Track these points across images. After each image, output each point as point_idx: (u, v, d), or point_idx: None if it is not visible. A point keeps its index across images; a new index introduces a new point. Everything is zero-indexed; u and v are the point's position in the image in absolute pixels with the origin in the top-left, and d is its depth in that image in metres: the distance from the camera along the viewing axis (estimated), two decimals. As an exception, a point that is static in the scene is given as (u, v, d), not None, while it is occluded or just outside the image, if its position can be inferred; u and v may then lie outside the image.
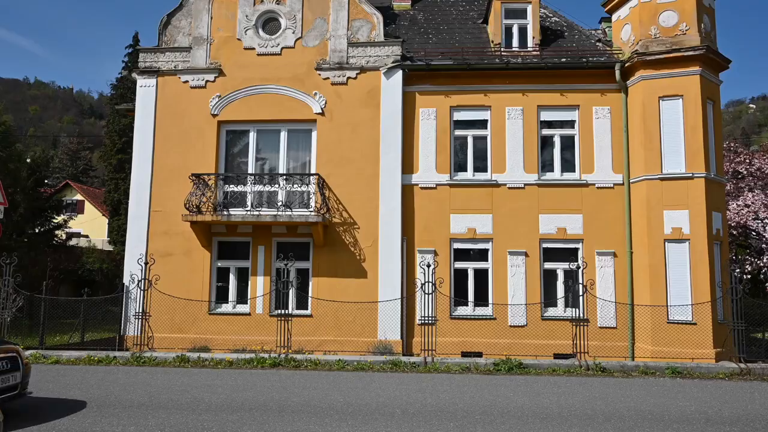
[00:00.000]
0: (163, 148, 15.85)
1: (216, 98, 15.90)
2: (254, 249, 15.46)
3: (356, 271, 15.05)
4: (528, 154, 15.30)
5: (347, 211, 15.27)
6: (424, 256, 15.00)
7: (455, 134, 15.66)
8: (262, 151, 16.04)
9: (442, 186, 15.37)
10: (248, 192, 15.41)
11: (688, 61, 14.26)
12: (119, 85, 36.57)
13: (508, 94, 15.52)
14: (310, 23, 16.07)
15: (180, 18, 16.44)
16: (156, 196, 15.67)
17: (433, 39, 17.08)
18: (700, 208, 13.80)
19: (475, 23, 17.68)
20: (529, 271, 14.88)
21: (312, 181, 15.19)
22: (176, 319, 14.84)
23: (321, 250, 15.19)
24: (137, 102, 16.23)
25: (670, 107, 14.32)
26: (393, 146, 15.38)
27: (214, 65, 16.06)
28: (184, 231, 15.27)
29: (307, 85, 15.76)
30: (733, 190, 22.05)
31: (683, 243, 13.84)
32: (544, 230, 15.01)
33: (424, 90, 15.73)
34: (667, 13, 14.73)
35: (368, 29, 15.96)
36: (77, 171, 62.16)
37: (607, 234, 14.86)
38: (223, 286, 15.55)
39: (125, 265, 15.52)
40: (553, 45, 16.40)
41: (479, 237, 15.14)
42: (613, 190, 15.04)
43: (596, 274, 14.68)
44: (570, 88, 15.42)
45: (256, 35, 16.12)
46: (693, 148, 14.00)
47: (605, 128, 15.24)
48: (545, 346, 14.09)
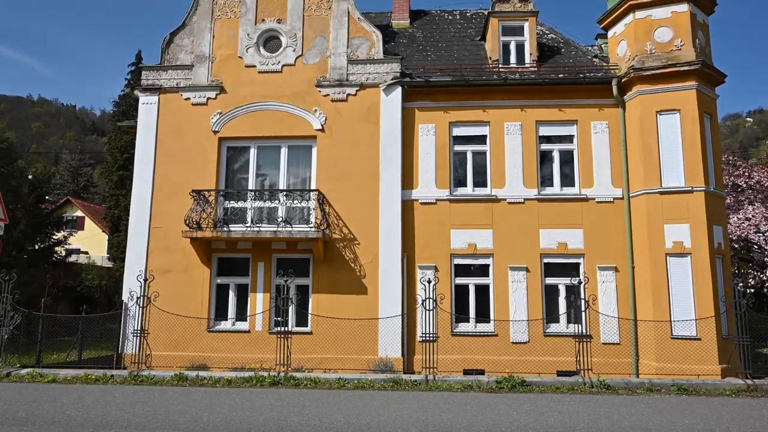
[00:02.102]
0: (164, 164, 15.89)
1: (217, 115, 15.97)
2: (254, 265, 15.41)
3: (356, 288, 14.99)
4: (527, 169, 15.31)
5: (347, 227, 15.25)
6: (425, 271, 14.94)
7: (455, 149, 15.69)
8: (262, 167, 16.07)
9: (442, 201, 15.36)
10: (248, 208, 15.40)
11: (684, 75, 14.34)
12: (121, 102, 36.79)
13: (506, 110, 15.57)
14: (310, 41, 16.19)
15: (182, 36, 16.57)
16: (156, 212, 15.67)
17: (432, 56, 17.20)
18: (701, 221, 13.76)
19: (473, 40, 17.81)
20: (531, 286, 14.81)
21: (312, 197, 15.19)
22: (175, 336, 14.74)
23: (321, 266, 15.14)
24: (139, 119, 16.30)
25: (667, 121, 14.37)
26: (393, 162, 15.41)
27: (215, 83, 16.15)
28: (184, 247, 15.24)
29: (307, 102, 15.83)
30: (733, 204, 22.03)
31: (685, 257, 13.78)
32: (545, 245, 14.97)
33: (423, 106, 15.79)
34: (662, 30, 14.85)
35: (368, 47, 16.07)
36: (78, 187, 62.27)
37: (608, 248, 14.82)
38: (223, 303, 15.48)
39: (124, 282, 15.47)
40: (550, 61, 16.50)
41: (480, 252, 15.09)
42: (613, 204, 15.02)
43: (598, 289, 14.61)
44: (568, 104, 15.48)
45: (257, 53, 16.24)
46: (692, 161, 14.01)
47: (604, 143, 15.27)
48: (548, 363, 13.97)
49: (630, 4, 15.08)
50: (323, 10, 16.34)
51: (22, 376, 12.79)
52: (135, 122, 16.65)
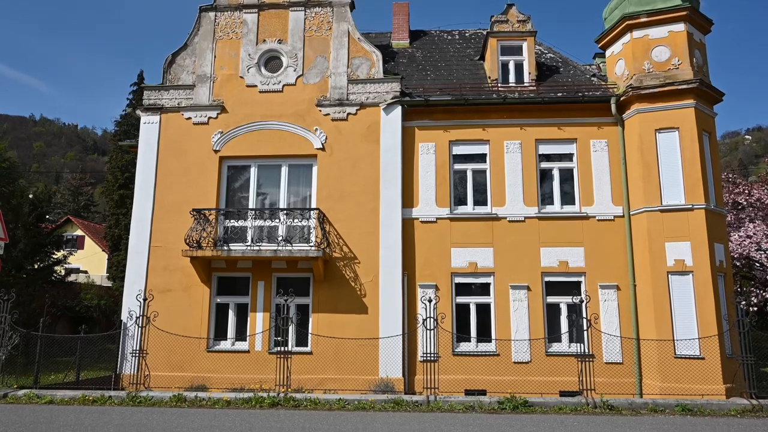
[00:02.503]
0: (165, 183, 15.91)
1: (218, 134, 16.03)
2: (254, 284, 15.35)
3: (357, 307, 14.90)
4: (527, 188, 15.32)
5: (347, 246, 15.21)
6: (426, 290, 14.87)
7: (455, 168, 15.72)
8: (263, 186, 16.09)
9: (442, 220, 15.34)
10: (249, 227, 15.39)
11: (682, 94, 14.42)
12: (123, 121, 36.96)
13: (506, 129, 15.64)
14: (311, 61, 16.32)
15: (184, 57, 16.71)
16: (156, 231, 15.65)
17: (432, 75, 17.32)
18: (702, 239, 13.73)
19: (472, 60, 17.95)
20: (532, 305, 14.73)
21: (312, 216, 15.18)
22: (174, 356, 14.62)
23: (321, 285, 15.08)
24: (140, 138, 16.37)
25: (666, 139, 14.41)
26: (393, 181, 15.43)
27: (216, 102, 16.25)
28: (184, 266, 15.19)
29: (307, 121, 15.91)
30: (734, 221, 22.00)
31: (687, 275, 13.72)
32: (546, 263, 14.92)
33: (423, 125, 15.86)
34: (660, 49, 14.97)
35: (368, 66, 16.19)
36: (79, 206, 62.30)
37: (610, 267, 14.76)
38: (222, 323, 15.38)
39: (123, 301, 15.38)
40: (549, 80, 16.61)
41: (480, 271, 15.03)
42: (614, 222, 15.00)
43: (600, 307, 14.52)
44: (567, 122, 15.55)
45: (258, 73, 16.36)
46: (691, 179, 14.03)
47: (603, 161, 15.30)
48: (550, 383, 13.83)
49: (627, 23, 15.23)
50: (324, 31, 16.50)
51: (19, 397, 12.66)
52: (136, 142, 16.72)
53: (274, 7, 16.76)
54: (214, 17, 16.85)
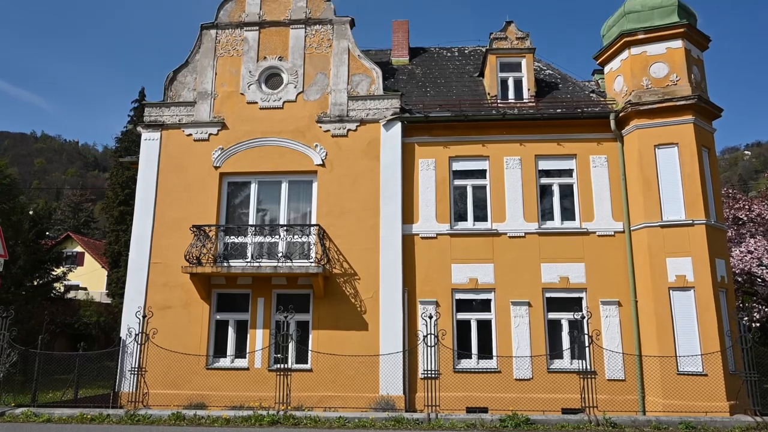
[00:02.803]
0: (165, 199, 15.92)
1: (218, 151, 16.08)
2: (254, 301, 15.28)
3: (357, 324, 14.82)
4: (527, 203, 15.32)
5: (348, 262, 15.17)
6: (426, 307, 14.80)
7: (455, 184, 15.74)
8: (263, 203, 16.09)
9: (442, 236, 15.32)
10: (249, 243, 15.36)
11: (681, 110, 14.48)
12: (124, 138, 37.12)
13: (505, 144, 15.68)
14: (311, 78, 16.42)
15: (185, 74, 16.82)
16: (156, 247, 15.62)
17: (431, 92, 17.42)
18: (703, 255, 13.69)
19: (471, 77, 18.06)
20: (533, 321, 14.65)
21: (312, 232, 15.17)
22: (173, 374, 14.51)
23: (321, 301, 15.01)
24: (141, 154, 16.40)
25: (666, 155, 14.45)
26: (393, 197, 15.43)
27: (217, 119, 16.32)
28: (184, 283, 15.14)
29: (308, 138, 15.96)
30: (735, 237, 21.97)
31: (688, 291, 13.67)
32: (547, 279, 14.86)
33: (423, 141, 15.91)
34: (658, 65, 15.07)
35: (368, 83, 16.29)
36: (79, 223, 62.28)
37: (611, 282, 14.70)
38: (222, 340, 15.28)
39: (123, 318, 15.30)
40: (548, 96, 16.70)
41: (481, 287, 14.97)
42: (614, 237, 14.97)
43: (601, 323, 14.43)
44: (566, 138, 15.59)
45: (258, 90, 16.45)
46: (691, 195, 14.03)
47: (603, 176, 15.31)
48: (552, 401, 13.70)
49: (625, 40, 15.34)
50: (324, 48, 16.63)
51: (16, 415, 12.54)
52: (137, 158, 16.74)
53: (275, 24, 16.91)
54: (216, 35, 16.99)
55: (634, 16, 15.47)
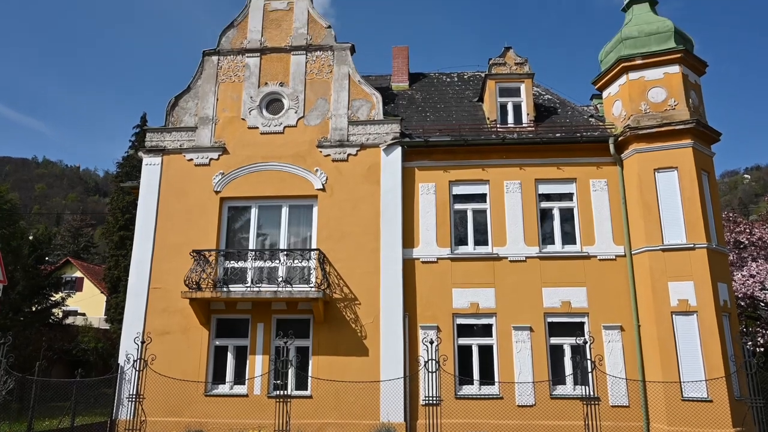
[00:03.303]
0: (166, 224, 15.91)
1: (219, 175, 16.12)
2: (253, 326, 15.16)
3: (357, 349, 14.68)
4: (528, 227, 15.30)
5: (348, 287, 15.09)
6: (427, 332, 14.67)
7: (455, 208, 15.74)
8: (263, 227, 16.08)
9: (443, 260, 15.27)
10: (248, 268, 15.31)
11: (680, 134, 14.56)
12: (125, 163, 37.25)
13: (505, 169, 15.73)
14: (312, 103, 16.55)
15: (187, 100, 16.96)
16: (156, 272, 15.56)
17: (431, 117, 17.54)
18: (705, 279, 13.62)
19: (470, 101, 18.21)
20: (535, 346, 14.50)
21: (313, 257, 15.12)
22: (171, 401, 14.31)
23: (321, 327, 14.89)
24: (142, 179, 16.45)
25: (665, 179, 14.48)
26: (393, 221, 15.42)
27: (218, 144, 16.40)
28: (183, 308, 15.04)
29: (308, 162, 16.02)
30: (737, 261, 21.90)
31: (691, 315, 13.56)
32: (548, 304, 14.76)
33: (423, 165, 15.96)
34: (656, 90, 15.20)
35: (368, 108, 16.42)
36: (78, 248, 62.17)
37: (613, 307, 14.60)
38: (221, 366, 15.11)
39: (121, 344, 15.16)
40: (547, 121, 16.81)
41: (482, 312, 14.86)
42: (616, 261, 14.92)
43: (604, 349, 14.29)
44: (566, 162, 15.65)
45: (259, 115, 16.57)
46: (692, 218, 14.02)
47: (603, 200, 15.32)
48: (556, 428, 13.50)
49: (623, 66, 15.50)
50: (324, 74, 16.80)
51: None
52: (137, 183, 16.79)
53: (276, 51, 17.11)
54: (217, 61, 17.19)
55: (631, 42, 15.66)
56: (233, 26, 17.46)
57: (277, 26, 17.33)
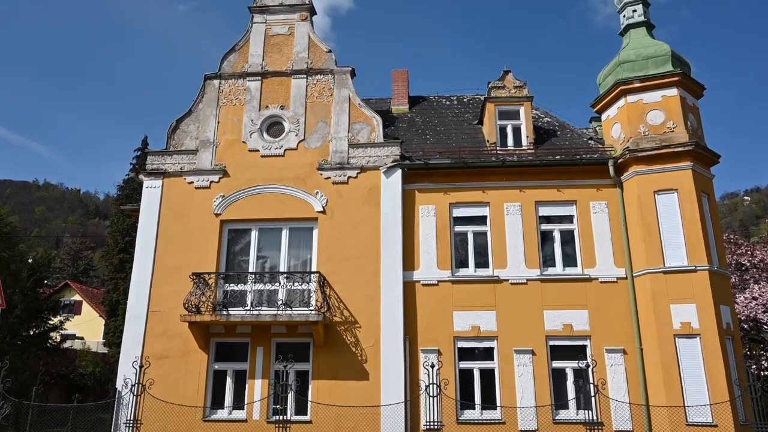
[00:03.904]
0: (165, 247, 15.87)
1: (220, 198, 16.14)
2: (253, 350, 15.01)
3: (358, 373, 14.52)
4: (529, 250, 15.26)
5: (348, 310, 15.00)
6: (428, 355, 14.53)
7: (455, 230, 15.72)
8: (263, 250, 16.04)
9: (443, 282, 15.20)
10: (248, 291, 15.22)
11: (679, 156, 14.61)
12: (125, 186, 37.35)
13: (505, 191, 15.74)
14: (312, 126, 16.65)
15: (188, 123, 17.07)
16: (155, 295, 15.47)
17: (431, 139, 17.63)
18: (707, 301, 13.55)
19: (470, 124, 18.32)
20: (537, 370, 14.34)
21: (313, 279, 15.05)
22: (169, 427, 14.10)
23: (321, 350, 14.75)
24: (142, 202, 16.45)
25: (666, 201, 14.49)
26: (393, 243, 15.39)
27: (219, 167, 16.45)
28: (182, 332, 14.91)
29: (308, 185, 16.05)
30: (739, 283, 21.81)
31: (694, 338, 13.45)
32: (550, 327, 14.65)
33: (423, 188, 15.98)
34: (654, 113, 15.30)
35: (368, 131, 16.51)
36: (78, 271, 62.01)
37: (615, 330, 14.48)
38: (220, 390, 14.92)
39: (119, 368, 15.00)
40: (546, 143, 16.89)
41: (483, 335, 14.74)
42: (617, 284, 14.84)
43: (607, 372, 14.13)
44: (566, 184, 15.67)
45: (260, 138, 16.66)
46: (693, 240, 14.00)
47: (604, 222, 15.31)
48: (558, 452, 13.27)
49: (621, 89, 15.63)
50: (325, 97, 16.93)
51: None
52: (138, 206, 16.78)
53: (277, 75, 17.27)
54: (219, 85, 17.33)
55: (629, 66, 15.81)
56: (235, 50, 17.65)
57: (278, 50, 17.52)
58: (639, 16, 16.81)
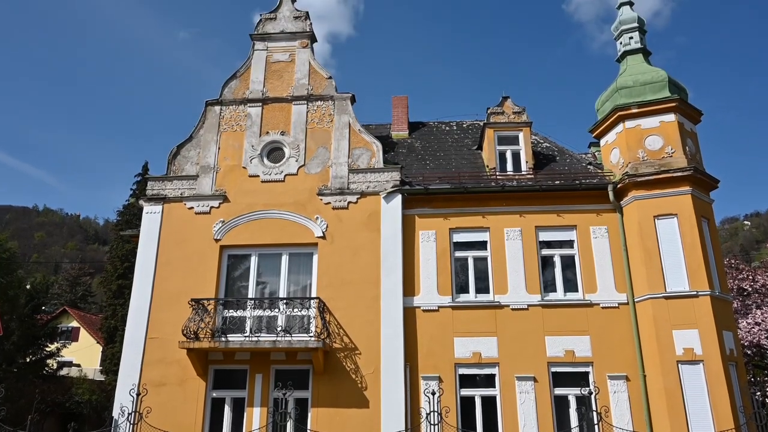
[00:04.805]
0: (165, 272, 15.80)
1: (219, 223, 16.12)
2: (251, 377, 14.83)
3: (358, 401, 14.32)
4: (529, 275, 15.19)
5: (348, 336, 14.86)
6: (429, 383, 14.35)
7: (455, 256, 15.67)
8: (263, 275, 15.97)
9: (444, 308, 15.09)
10: (247, 317, 15.10)
11: (678, 181, 14.65)
12: (125, 211, 37.31)
13: (505, 216, 15.73)
14: (312, 152, 16.72)
15: (189, 149, 17.14)
16: (154, 321, 15.34)
17: (431, 165, 17.70)
18: (710, 327, 13.44)
19: (470, 149, 18.41)
20: (539, 397, 14.15)
21: (312, 305, 14.94)
22: (165, 456, 13.85)
23: (321, 377, 14.58)
24: (142, 227, 16.43)
25: (666, 226, 14.48)
26: (394, 269, 15.33)
27: (219, 192, 16.48)
28: (180, 359, 14.75)
29: (308, 210, 16.05)
30: (741, 308, 21.67)
31: (697, 364, 13.31)
32: (552, 353, 14.50)
33: (423, 213, 15.99)
34: (653, 138, 15.38)
35: (368, 156, 16.58)
36: (76, 297, 61.64)
37: (617, 356, 14.33)
38: (218, 419, 14.69)
39: (116, 396, 14.80)
40: (546, 168, 16.95)
41: (485, 361, 14.58)
42: (619, 309, 14.74)
43: (610, 399, 13.94)
44: (566, 209, 15.67)
45: (260, 163, 16.72)
46: (694, 265, 13.95)
47: (604, 247, 15.27)
48: (562, 482, 13.02)
49: (619, 114, 15.74)
50: (325, 123, 17.04)
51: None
52: (137, 231, 16.76)
53: (277, 101, 17.41)
54: (220, 111, 17.46)
55: (626, 92, 15.96)
56: (236, 77, 17.83)
57: (279, 77, 17.70)
58: (635, 43, 17.03)
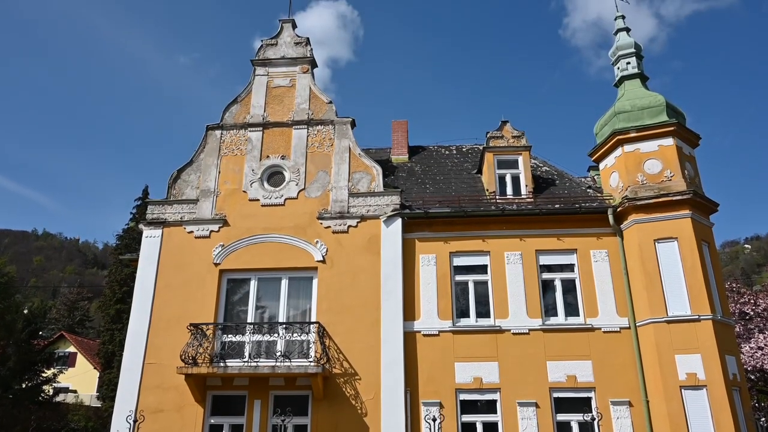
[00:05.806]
0: (163, 297, 15.71)
1: (219, 247, 16.09)
2: (250, 403, 14.64)
3: (358, 428, 14.11)
4: (530, 299, 15.11)
5: (348, 361, 14.72)
6: (429, 408, 14.15)
7: (456, 279, 15.61)
8: (262, 299, 15.88)
9: (444, 333, 14.97)
10: (246, 342, 14.97)
11: (678, 205, 14.67)
12: (125, 235, 37.28)
13: (506, 240, 15.71)
14: (312, 176, 16.77)
15: (189, 173, 17.19)
16: (152, 347, 15.20)
17: (431, 188, 17.75)
18: (712, 351, 13.33)
19: (469, 173, 18.48)
20: (541, 423, 13.96)
21: (312, 330, 14.83)
22: (162, 484, 13.61)
23: (320, 404, 14.39)
24: (141, 251, 16.38)
25: (666, 249, 14.46)
26: (394, 293, 15.25)
27: (219, 216, 16.48)
28: (178, 385, 14.57)
29: (308, 234, 16.04)
30: (743, 332, 21.52)
31: (700, 390, 13.16)
32: (554, 378, 14.35)
33: (423, 237, 15.97)
34: (651, 162, 15.45)
35: (368, 180, 16.62)
36: (74, 321, 61.20)
37: (620, 381, 14.18)
38: (215, 446, 14.48)
39: (113, 423, 14.58)
40: (545, 192, 16.99)
41: (486, 387, 14.41)
42: (620, 334, 14.63)
43: (613, 425, 13.76)
44: (566, 233, 15.66)
45: (261, 187, 16.75)
46: (695, 289, 13.89)
47: (605, 271, 15.22)
48: None
49: (618, 138, 15.84)
50: (325, 147, 17.13)
51: None
52: (137, 255, 16.70)
53: (278, 125, 17.52)
54: (220, 135, 17.55)
55: (625, 116, 16.08)
56: (237, 102, 17.98)
57: (280, 102, 17.85)
58: (633, 68, 17.22)
